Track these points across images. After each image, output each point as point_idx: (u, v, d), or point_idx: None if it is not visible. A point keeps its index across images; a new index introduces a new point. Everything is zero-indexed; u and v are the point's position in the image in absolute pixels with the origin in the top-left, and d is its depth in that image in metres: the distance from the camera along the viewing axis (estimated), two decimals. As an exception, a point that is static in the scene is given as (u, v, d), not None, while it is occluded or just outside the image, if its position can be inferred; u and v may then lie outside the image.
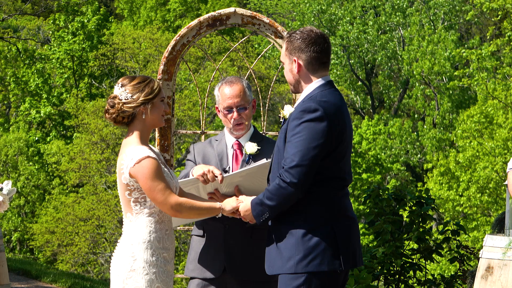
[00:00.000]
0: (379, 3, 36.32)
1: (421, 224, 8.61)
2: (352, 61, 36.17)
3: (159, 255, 4.71)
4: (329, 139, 4.48)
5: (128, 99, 4.72)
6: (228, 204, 4.84)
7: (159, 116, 4.79)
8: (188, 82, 29.67)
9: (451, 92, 34.06)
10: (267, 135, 6.01)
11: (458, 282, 8.69)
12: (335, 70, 35.85)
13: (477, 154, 27.16)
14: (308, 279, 4.49)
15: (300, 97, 4.68)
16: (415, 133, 34.05)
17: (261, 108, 9.07)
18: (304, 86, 4.66)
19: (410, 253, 8.69)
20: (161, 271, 4.71)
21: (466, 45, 34.35)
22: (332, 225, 4.54)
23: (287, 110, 4.76)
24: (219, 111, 5.39)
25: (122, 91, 4.74)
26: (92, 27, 32.11)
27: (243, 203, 4.75)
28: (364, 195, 8.83)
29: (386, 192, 8.73)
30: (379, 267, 8.47)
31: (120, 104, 4.72)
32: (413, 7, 35.93)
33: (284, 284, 4.54)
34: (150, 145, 4.85)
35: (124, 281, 4.67)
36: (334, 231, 4.53)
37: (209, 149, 5.43)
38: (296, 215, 4.54)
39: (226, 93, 5.33)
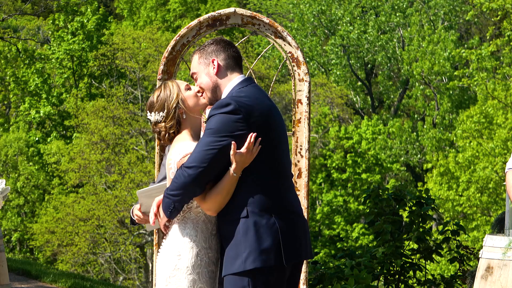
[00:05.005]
0: (379, 3, 36.31)
1: (421, 224, 8.61)
2: (352, 61, 36.15)
3: (204, 255, 4.67)
4: (246, 129, 4.47)
5: (163, 117, 4.79)
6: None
7: (196, 100, 4.81)
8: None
9: (451, 92, 34.05)
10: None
11: (458, 282, 8.69)
12: (335, 70, 35.84)
13: (477, 154, 27.16)
14: (253, 275, 4.48)
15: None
16: (415, 133, 34.03)
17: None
18: (222, 88, 4.69)
19: (410, 253, 8.70)
20: (205, 271, 4.66)
21: (466, 45, 34.35)
22: (275, 219, 4.53)
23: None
24: None
25: (154, 115, 4.82)
26: (92, 27, 32.11)
27: None
28: (364, 195, 8.83)
29: (386, 192, 8.73)
30: (379, 267, 8.47)
31: (162, 125, 4.80)
32: (413, 7, 35.93)
33: (231, 284, 4.52)
34: None
35: (167, 279, 4.66)
36: (276, 225, 4.52)
37: None
38: (237, 210, 4.54)
39: None
